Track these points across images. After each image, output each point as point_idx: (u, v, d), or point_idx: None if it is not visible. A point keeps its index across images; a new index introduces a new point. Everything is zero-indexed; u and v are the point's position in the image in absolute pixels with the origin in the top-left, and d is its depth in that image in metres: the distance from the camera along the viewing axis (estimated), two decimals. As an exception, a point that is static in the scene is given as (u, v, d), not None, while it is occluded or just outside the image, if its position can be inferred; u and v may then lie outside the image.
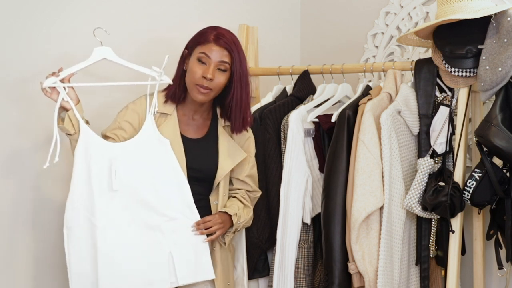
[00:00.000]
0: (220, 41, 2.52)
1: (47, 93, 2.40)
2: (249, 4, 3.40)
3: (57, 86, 2.38)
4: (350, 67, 2.94)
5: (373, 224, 2.61)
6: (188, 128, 2.62)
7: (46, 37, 2.66)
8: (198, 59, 2.52)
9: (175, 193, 2.49)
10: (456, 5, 2.57)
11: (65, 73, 2.42)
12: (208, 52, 2.51)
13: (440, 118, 2.69)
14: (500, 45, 2.49)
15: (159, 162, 2.48)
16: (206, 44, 2.52)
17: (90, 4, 2.78)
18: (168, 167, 2.49)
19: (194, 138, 2.61)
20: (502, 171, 2.53)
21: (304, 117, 2.84)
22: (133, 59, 2.86)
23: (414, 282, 2.75)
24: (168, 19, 3.01)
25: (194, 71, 2.52)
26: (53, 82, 2.38)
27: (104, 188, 2.42)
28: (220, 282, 2.61)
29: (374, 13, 3.31)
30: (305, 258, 2.85)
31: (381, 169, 2.61)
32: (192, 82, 2.53)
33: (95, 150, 2.42)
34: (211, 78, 2.49)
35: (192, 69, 2.52)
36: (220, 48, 2.51)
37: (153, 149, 2.48)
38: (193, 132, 2.62)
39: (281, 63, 3.24)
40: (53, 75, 2.39)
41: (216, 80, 2.52)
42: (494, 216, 2.62)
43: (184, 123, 2.61)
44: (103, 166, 2.42)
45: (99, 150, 2.43)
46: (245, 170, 2.68)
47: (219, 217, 2.56)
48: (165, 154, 2.49)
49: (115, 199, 2.43)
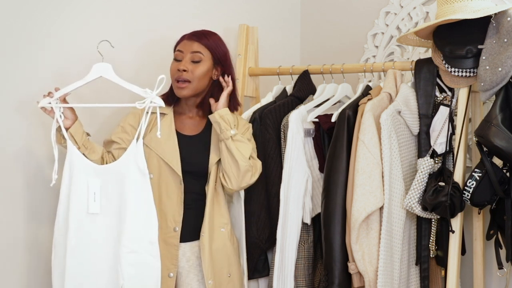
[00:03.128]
0: (191, 36, 2.66)
1: (46, 112, 2.48)
2: (249, 4, 3.40)
3: (52, 106, 2.45)
4: (350, 67, 2.95)
5: (373, 224, 2.61)
6: (184, 126, 2.69)
7: (46, 37, 2.65)
8: (175, 58, 2.67)
9: (142, 226, 2.46)
10: (456, 5, 2.57)
11: (60, 93, 2.47)
12: (181, 47, 2.65)
13: (440, 118, 2.69)
14: (500, 45, 2.49)
15: (133, 192, 2.45)
16: (180, 43, 2.68)
17: (91, 4, 2.78)
18: (141, 198, 2.46)
19: (190, 135, 2.68)
20: (502, 171, 2.53)
21: (304, 117, 2.84)
22: (133, 59, 2.88)
23: (414, 282, 2.75)
24: (168, 19, 3.01)
25: (171, 69, 2.66)
26: (47, 102, 2.45)
27: (81, 209, 2.45)
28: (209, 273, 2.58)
29: (374, 13, 3.31)
30: (305, 258, 2.85)
31: (381, 169, 2.61)
32: (172, 79, 2.65)
33: (77, 170, 2.46)
34: (184, 69, 2.60)
35: (171, 68, 2.66)
36: (191, 41, 2.65)
37: (131, 177, 2.46)
38: (189, 129, 2.69)
39: (281, 63, 3.24)
40: (49, 95, 2.46)
41: (194, 71, 2.61)
42: (494, 216, 2.62)
43: (180, 122, 2.69)
44: (82, 187, 2.46)
45: (81, 170, 2.47)
46: None
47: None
48: (142, 184, 2.47)
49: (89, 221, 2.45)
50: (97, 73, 2.50)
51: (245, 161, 2.58)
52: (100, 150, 2.60)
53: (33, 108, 2.51)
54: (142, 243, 2.46)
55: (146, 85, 2.56)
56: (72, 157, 2.47)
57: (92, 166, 2.49)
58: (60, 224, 2.47)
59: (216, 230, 2.64)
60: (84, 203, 2.46)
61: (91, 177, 2.47)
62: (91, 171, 2.48)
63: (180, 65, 2.61)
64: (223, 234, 2.65)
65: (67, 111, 2.48)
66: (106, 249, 2.46)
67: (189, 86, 2.61)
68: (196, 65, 2.62)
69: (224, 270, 2.64)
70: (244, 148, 2.59)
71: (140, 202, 2.46)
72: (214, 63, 2.65)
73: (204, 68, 2.63)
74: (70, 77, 2.59)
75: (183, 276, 2.63)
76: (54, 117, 2.46)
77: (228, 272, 2.65)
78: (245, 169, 2.59)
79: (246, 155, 2.59)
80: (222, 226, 2.65)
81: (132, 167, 2.46)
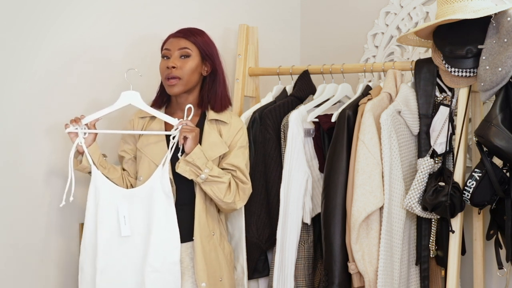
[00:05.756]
0: (177, 33, 2.67)
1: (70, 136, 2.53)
2: (249, 4, 3.40)
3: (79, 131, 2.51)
4: (350, 67, 2.95)
5: (373, 224, 2.61)
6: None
7: (46, 36, 2.65)
8: (163, 56, 2.67)
9: (165, 247, 2.52)
10: (456, 5, 2.57)
11: (88, 120, 2.53)
12: (168, 45, 2.66)
13: (440, 118, 2.69)
14: (500, 45, 2.49)
15: (159, 214, 2.52)
16: (166, 41, 2.68)
17: (91, 5, 2.77)
18: (166, 220, 2.53)
19: None
20: (502, 171, 2.53)
21: (304, 117, 2.84)
22: (133, 59, 2.88)
23: (414, 282, 2.75)
24: (168, 19, 3.01)
25: (161, 68, 2.66)
26: (75, 128, 2.51)
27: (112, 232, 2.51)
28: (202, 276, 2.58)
29: (374, 13, 3.31)
30: (305, 258, 2.85)
31: (381, 169, 2.61)
32: (162, 78, 2.66)
33: (104, 194, 2.52)
34: (173, 66, 2.60)
35: (160, 68, 2.67)
36: (177, 38, 2.65)
37: (157, 201, 2.53)
38: None
39: (281, 63, 3.24)
40: (76, 122, 2.51)
41: (183, 67, 2.61)
42: (494, 216, 2.62)
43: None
44: (111, 211, 2.51)
45: (107, 194, 2.53)
46: (225, 159, 2.66)
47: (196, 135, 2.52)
48: (167, 207, 2.53)
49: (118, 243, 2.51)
50: (126, 101, 2.58)
51: (221, 201, 2.59)
52: (119, 170, 2.67)
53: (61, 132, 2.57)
54: (165, 263, 2.52)
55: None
56: (97, 182, 2.53)
57: (119, 190, 2.55)
58: (87, 247, 2.53)
59: (209, 232, 2.63)
60: (114, 226, 2.52)
61: (120, 200, 2.53)
62: (118, 195, 2.54)
63: (169, 62, 2.61)
64: (214, 238, 2.64)
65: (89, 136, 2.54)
66: (133, 269, 2.52)
67: (180, 83, 2.61)
68: (185, 60, 2.62)
69: (216, 273, 2.63)
70: (217, 189, 2.56)
71: (164, 224, 2.52)
72: (203, 58, 2.66)
73: (194, 63, 2.63)
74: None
75: None
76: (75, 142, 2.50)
77: (220, 276, 2.64)
78: (224, 206, 2.62)
79: (221, 195, 2.57)
80: (212, 230, 2.64)
81: (157, 191, 2.52)
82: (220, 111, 2.69)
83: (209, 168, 2.53)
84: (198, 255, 2.57)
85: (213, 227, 2.64)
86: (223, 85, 2.71)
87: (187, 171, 2.51)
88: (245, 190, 2.66)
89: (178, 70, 2.60)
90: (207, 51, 2.66)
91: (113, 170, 2.64)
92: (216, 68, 2.69)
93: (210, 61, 2.67)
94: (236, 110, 3.10)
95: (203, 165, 2.51)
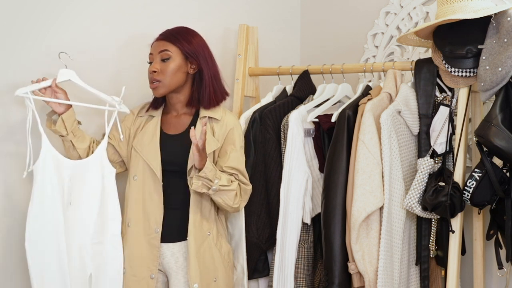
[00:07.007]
0: (159, 36, 2.69)
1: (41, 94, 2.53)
2: (249, 4, 3.40)
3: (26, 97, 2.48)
4: (350, 67, 2.95)
5: (373, 224, 2.61)
6: (169, 125, 2.72)
7: (46, 36, 2.65)
8: (148, 61, 2.69)
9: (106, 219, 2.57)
10: (456, 5, 2.57)
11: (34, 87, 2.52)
12: (152, 50, 2.68)
13: (440, 118, 2.69)
14: (500, 45, 2.49)
15: (101, 187, 2.58)
16: (151, 46, 2.70)
17: (90, 5, 2.78)
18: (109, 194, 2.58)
19: (173, 134, 2.69)
20: (502, 171, 2.53)
21: (304, 117, 2.84)
22: (133, 59, 2.88)
23: (414, 282, 2.75)
24: (168, 19, 3.01)
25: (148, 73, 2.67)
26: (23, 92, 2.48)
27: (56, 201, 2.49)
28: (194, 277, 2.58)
29: (374, 13, 3.31)
30: (305, 258, 2.85)
31: (381, 169, 2.61)
32: (149, 82, 2.67)
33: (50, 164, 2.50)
34: (154, 70, 2.63)
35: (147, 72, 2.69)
36: (158, 41, 2.67)
37: (95, 173, 2.58)
38: (174, 128, 2.71)
39: (281, 63, 3.24)
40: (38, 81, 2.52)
41: (164, 70, 2.63)
42: (494, 216, 2.62)
43: (166, 122, 2.73)
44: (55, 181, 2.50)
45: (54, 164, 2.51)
46: (225, 161, 2.66)
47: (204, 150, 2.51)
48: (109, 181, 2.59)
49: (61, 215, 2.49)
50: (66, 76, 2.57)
51: (231, 208, 2.64)
52: (89, 140, 2.66)
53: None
54: (106, 235, 2.56)
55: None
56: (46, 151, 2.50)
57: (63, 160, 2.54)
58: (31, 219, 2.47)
59: (203, 232, 2.63)
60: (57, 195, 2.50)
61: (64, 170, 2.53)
62: (63, 165, 2.53)
63: (151, 67, 2.65)
64: (210, 238, 2.65)
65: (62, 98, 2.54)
66: (75, 241, 2.52)
67: (160, 85, 2.63)
68: (166, 63, 2.63)
69: (210, 274, 2.63)
70: (227, 198, 2.61)
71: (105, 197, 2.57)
72: (185, 57, 2.65)
73: (174, 64, 2.63)
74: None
75: (172, 277, 2.64)
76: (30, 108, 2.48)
77: (214, 277, 2.64)
78: (231, 210, 2.67)
79: (230, 203, 2.62)
80: (208, 229, 2.65)
81: (96, 163, 2.57)
82: (209, 108, 2.69)
83: (218, 178, 2.55)
84: (191, 256, 2.58)
85: (209, 227, 2.65)
86: (213, 81, 2.69)
87: (200, 186, 2.53)
88: (247, 191, 2.69)
89: (159, 74, 2.63)
90: (188, 50, 2.65)
91: (82, 139, 2.62)
92: (201, 65, 2.67)
93: (193, 59, 2.66)
94: (236, 110, 3.10)
95: (213, 176, 2.53)
